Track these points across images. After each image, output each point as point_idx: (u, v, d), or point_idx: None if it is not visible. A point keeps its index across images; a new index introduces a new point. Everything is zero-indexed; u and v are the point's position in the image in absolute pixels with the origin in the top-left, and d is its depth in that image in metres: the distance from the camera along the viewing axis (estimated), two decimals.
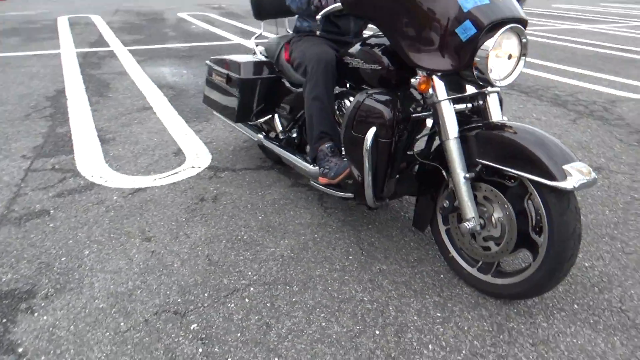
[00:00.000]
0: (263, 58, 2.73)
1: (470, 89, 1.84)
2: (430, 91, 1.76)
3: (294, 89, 2.52)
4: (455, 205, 1.84)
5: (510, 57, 1.71)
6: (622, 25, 11.22)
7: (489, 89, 1.83)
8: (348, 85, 2.25)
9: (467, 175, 1.74)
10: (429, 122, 2.11)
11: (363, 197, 1.99)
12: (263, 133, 2.78)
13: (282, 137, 2.57)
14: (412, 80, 1.79)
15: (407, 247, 2.19)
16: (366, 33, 2.50)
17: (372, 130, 1.83)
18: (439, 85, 1.75)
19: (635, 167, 3.14)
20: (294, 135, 2.56)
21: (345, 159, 2.07)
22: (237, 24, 9.80)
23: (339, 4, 1.83)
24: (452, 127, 1.75)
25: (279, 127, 2.57)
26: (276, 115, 2.61)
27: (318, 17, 1.91)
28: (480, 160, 1.72)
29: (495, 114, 1.85)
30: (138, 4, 13.86)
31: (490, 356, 1.59)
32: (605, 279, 1.98)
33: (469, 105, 1.87)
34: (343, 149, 2.05)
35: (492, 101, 1.87)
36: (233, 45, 7.36)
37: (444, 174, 1.85)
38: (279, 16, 2.81)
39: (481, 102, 1.88)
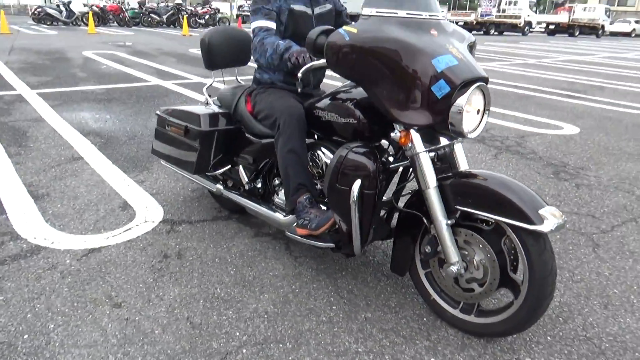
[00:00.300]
0: (217, 108, 2.72)
1: (442, 140, 1.98)
2: (409, 144, 1.87)
3: (255, 139, 2.52)
4: (437, 250, 1.94)
5: (478, 111, 1.88)
6: (507, 63, 12.49)
7: (458, 139, 1.99)
8: (316, 137, 2.31)
9: (449, 222, 1.85)
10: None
11: (348, 246, 2.03)
12: (221, 183, 2.74)
13: (247, 187, 2.55)
14: (392, 134, 1.89)
15: (385, 292, 2.25)
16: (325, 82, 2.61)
17: (358, 182, 1.89)
18: (417, 139, 1.86)
19: (558, 198, 3.49)
20: (259, 185, 2.55)
21: (325, 210, 2.11)
22: (150, 64, 9.57)
23: (322, 61, 1.90)
24: (431, 177, 1.86)
25: (245, 178, 2.55)
26: (241, 167, 2.59)
27: (299, 74, 1.96)
28: (460, 207, 1.84)
29: (462, 162, 2.01)
30: (34, 42, 13.07)
31: None
32: (566, 308, 2.18)
33: (434, 153, 2.01)
34: (327, 200, 2.08)
35: (459, 150, 2.03)
36: (152, 86, 7.17)
37: (425, 220, 1.96)
38: (229, 66, 2.82)
39: (447, 151, 2.03)
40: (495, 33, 28.64)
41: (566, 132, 5.44)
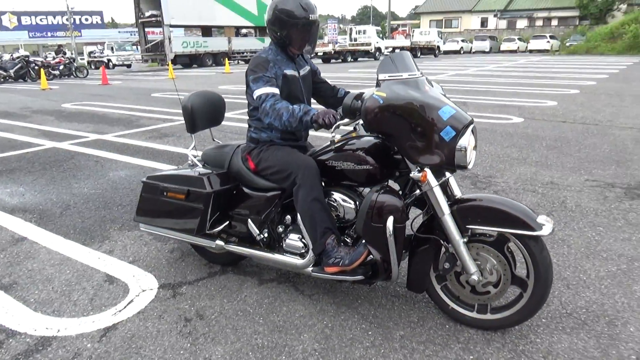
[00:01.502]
0: (203, 169, 2.84)
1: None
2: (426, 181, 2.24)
3: (256, 194, 2.71)
4: (455, 265, 2.31)
5: (472, 148, 2.30)
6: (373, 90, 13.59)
7: (456, 172, 2.39)
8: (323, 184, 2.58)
9: (464, 240, 2.24)
10: None
11: (383, 274, 2.31)
12: (220, 239, 2.83)
13: (259, 238, 2.70)
14: (412, 174, 2.24)
15: (402, 309, 2.56)
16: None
17: (391, 219, 2.20)
18: (431, 176, 2.23)
19: None
20: (266, 235, 2.71)
21: (352, 247, 2.38)
22: (29, 125, 8.88)
23: (347, 120, 2.21)
24: (445, 206, 2.24)
25: (256, 230, 2.69)
26: (249, 220, 2.72)
27: (331, 132, 2.24)
28: (470, 227, 2.24)
29: (456, 189, 2.42)
30: None
31: None
32: None
33: None
34: (358, 237, 2.34)
35: (452, 181, 2.44)
36: (49, 150, 6.73)
37: (442, 242, 2.32)
38: (207, 127, 2.96)
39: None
40: (352, 60, 30.95)
41: None
